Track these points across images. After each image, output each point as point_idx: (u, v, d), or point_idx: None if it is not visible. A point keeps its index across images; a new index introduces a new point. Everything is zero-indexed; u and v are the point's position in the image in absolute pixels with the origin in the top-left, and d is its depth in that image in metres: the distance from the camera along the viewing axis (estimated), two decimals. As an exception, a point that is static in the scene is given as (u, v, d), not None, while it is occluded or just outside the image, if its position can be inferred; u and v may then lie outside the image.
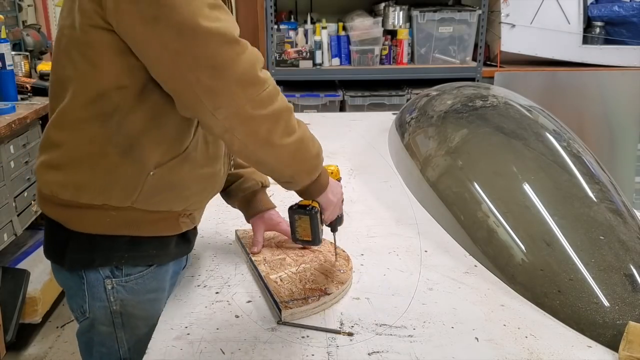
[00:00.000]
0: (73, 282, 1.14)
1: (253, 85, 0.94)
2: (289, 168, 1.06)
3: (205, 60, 0.91)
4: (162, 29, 0.91)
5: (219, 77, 0.91)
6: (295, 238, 1.22)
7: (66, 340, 2.68)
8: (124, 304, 1.14)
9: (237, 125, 0.95)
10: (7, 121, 2.26)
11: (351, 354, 1.02)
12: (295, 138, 1.02)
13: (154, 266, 1.16)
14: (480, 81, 3.60)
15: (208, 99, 0.92)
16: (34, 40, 3.19)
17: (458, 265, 1.35)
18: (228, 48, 0.92)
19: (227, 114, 0.94)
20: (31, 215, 2.51)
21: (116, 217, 1.08)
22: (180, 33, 0.90)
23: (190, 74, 0.92)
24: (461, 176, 1.61)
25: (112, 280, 1.12)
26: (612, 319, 1.12)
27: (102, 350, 1.18)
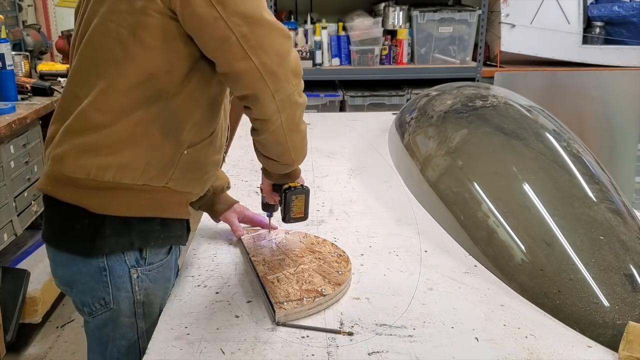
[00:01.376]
0: (89, 274, 1.13)
1: (298, 76, 1.09)
2: (295, 151, 1.18)
3: (271, 47, 1.03)
4: (230, 14, 1.01)
5: (281, 65, 1.04)
6: (289, 218, 1.28)
7: (66, 340, 2.67)
8: (147, 293, 1.18)
9: (287, 107, 1.08)
10: (7, 121, 2.26)
11: (351, 354, 1.02)
12: (304, 127, 1.18)
13: (169, 255, 1.22)
14: (480, 81, 3.60)
15: (272, 81, 1.04)
16: (34, 40, 3.19)
17: (458, 265, 1.35)
18: (286, 41, 1.07)
19: (283, 96, 1.06)
20: (31, 215, 2.51)
21: (150, 200, 1.13)
22: (247, 19, 1.01)
23: (256, 58, 1.02)
24: (461, 176, 1.61)
25: (137, 269, 1.15)
26: (612, 319, 1.12)
27: (121, 344, 1.19)
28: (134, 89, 1.07)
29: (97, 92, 1.07)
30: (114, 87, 1.07)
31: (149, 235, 1.15)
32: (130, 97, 1.07)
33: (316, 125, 2.66)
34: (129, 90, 1.07)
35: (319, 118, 2.85)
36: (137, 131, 1.08)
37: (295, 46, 3.60)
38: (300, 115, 1.13)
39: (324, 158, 2.16)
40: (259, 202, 1.70)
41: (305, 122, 1.18)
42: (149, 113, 1.08)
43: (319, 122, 2.74)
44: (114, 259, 1.13)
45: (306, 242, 1.40)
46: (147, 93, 1.07)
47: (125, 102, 1.07)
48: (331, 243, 1.39)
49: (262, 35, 1.02)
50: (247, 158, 2.05)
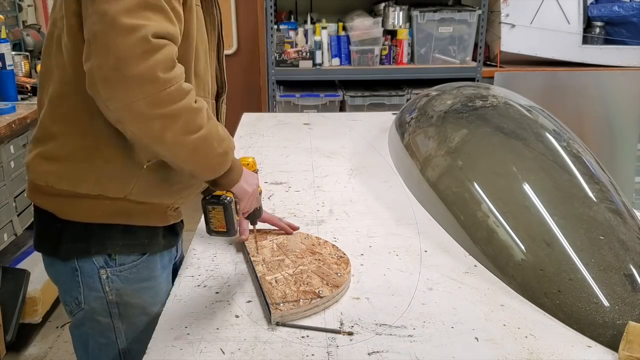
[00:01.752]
0: (66, 274, 1.17)
1: (151, 83, 0.93)
2: (187, 164, 1.05)
3: (113, 50, 0.91)
4: (92, 11, 0.93)
5: (118, 70, 0.91)
6: (209, 230, 1.18)
7: (66, 340, 2.67)
8: (120, 293, 1.17)
9: (128, 119, 0.95)
10: (7, 121, 2.26)
11: (351, 354, 1.02)
12: (196, 137, 1.01)
13: (146, 256, 1.19)
14: (480, 81, 3.60)
15: (103, 86, 0.93)
16: (34, 40, 3.18)
17: (458, 265, 1.35)
18: (137, 45, 0.92)
19: (119, 106, 0.93)
20: (31, 215, 2.51)
21: (111, 206, 1.12)
22: (102, 18, 0.92)
23: (95, 58, 0.92)
24: (461, 176, 1.61)
25: (107, 270, 1.15)
26: (612, 319, 1.12)
27: (100, 342, 1.20)
28: (77, 97, 1.04)
29: (47, 99, 1.09)
30: (60, 95, 1.07)
31: (106, 242, 1.14)
32: (75, 105, 1.05)
33: (316, 125, 2.66)
34: (74, 98, 1.05)
35: (319, 118, 2.85)
36: (88, 143, 1.07)
37: (295, 46, 3.61)
38: (164, 127, 0.97)
39: (324, 158, 2.16)
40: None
41: (196, 131, 1.01)
42: (97, 124, 1.05)
43: (319, 122, 2.74)
44: (83, 260, 1.15)
45: (307, 243, 1.40)
46: (90, 102, 0.98)
47: (70, 112, 1.06)
48: (332, 245, 1.39)
49: (108, 36, 0.91)
50: (247, 158, 2.05)
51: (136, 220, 1.15)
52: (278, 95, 3.60)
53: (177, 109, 0.97)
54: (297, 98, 3.57)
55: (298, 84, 3.70)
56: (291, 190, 1.82)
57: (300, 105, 3.57)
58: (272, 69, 3.56)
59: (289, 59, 3.57)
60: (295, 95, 3.57)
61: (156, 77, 0.93)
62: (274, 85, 3.59)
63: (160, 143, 0.99)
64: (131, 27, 0.92)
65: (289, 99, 3.59)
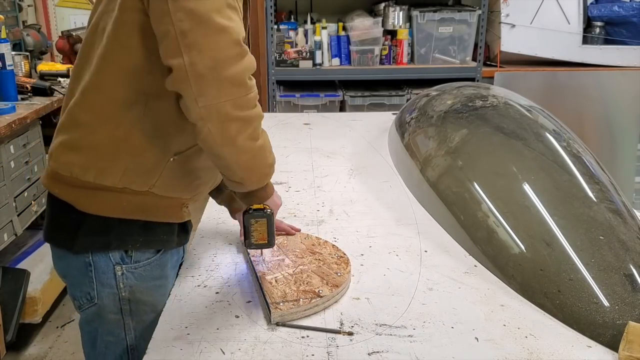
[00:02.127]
0: (77, 269, 1.15)
1: (240, 86, 0.99)
2: (242, 170, 1.08)
3: (208, 49, 0.95)
4: (176, 9, 0.95)
5: (214, 69, 0.96)
6: (250, 244, 1.19)
7: (66, 340, 2.67)
8: (133, 290, 1.17)
9: (213, 117, 0.99)
10: (7, 121, 2.26)
11: (351, 354, 1.02)
12: (258, 144, 1.06)
13: (160, 254, 1.19)
14: (480, 81, 3.60)
15: (196, 83, 0.96)
16: (34, 40, 3.18)
17: (458, 265, 1.35)
18: (231, 46, 0.97)
19: (208, 103, 0.97)
20: (31, 215, 2.51)
21: (132, 201, 1.12)
22: (191, 16, 0.95)
23: (187, 55, 0.95)
24: (461, 176, 1.61)
25: (122, 266, 1.15)
26: (612, 319, 1.12)
27: (108, 340, 1.20)
28: (114, 88, 1.06)
29: (81, 89, 1.09)
30: (96, 85, 1.07)
31: (127, 237, 1.14)
32: (110, 96, 1.06)
33: (316, 125, 2.66)
34: (110, 89, 1.06)
35: (319, 118, 2.85)
36: (118, 134, 1.07)
37: (295, 46, 3.61)
38: (239, 130, 1.01)
39: (324, 158, 2.16)
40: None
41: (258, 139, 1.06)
42: (130, 116, 1.07)
43: (319, 122, 2.74)
44: (98, 255, 1.14)
45: (307, 243, 1.40)
46: (127, 94, 1.04)
47: (106, 103, 1.07)
48: (332, 245, 1.39)
49: (202, 34, 0.95)
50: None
51: (155, 216, 1.16)
52: (278, 95, 3.60)
53: (253, 115, 1.03)
54: (297, 98, 3.57)
55: (298, 84, 3.70)
56: (291, 190, 1.82)
57: (300, 105, 3.57)
58: (272, 69, 3.56)
59: (289, 59, 3.57)
60: (295, 95, 3.57)
61: (244, 82, 0.99)
62: (274, 85, 3.59)
63: (232, 145, 1.03)
64: (223, 27, 0.96)
65: (289, 99, 3.59)
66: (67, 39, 3.21)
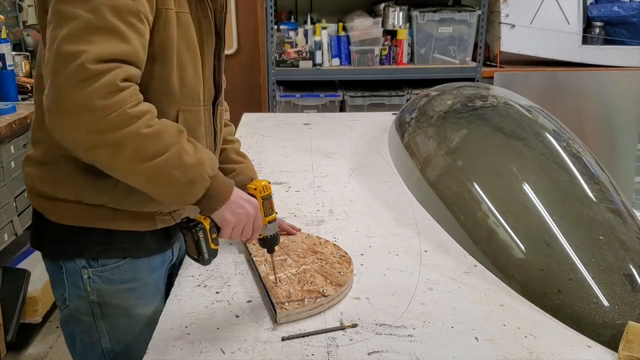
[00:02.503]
0: (54, 271, 1.19)
1: (89, 112, 0.90)
2: (148, 191, 1.02)
3: (54, 80, 0.90)
4: (48, 36, 0.94)
5: (57, 100, 0.90)
6: (186, 252, 1.11)
7: (66, 340, 2.68)
8: (101, 294, 1.17)
9: (74, 148, 0.95)
10: (7, 121, 2.26)
11: (351, 354, 1.02)
12: (150, 165, 0.96)
13: (129, 258, 1.18)
14: (480, 81, 3.60)
15: (48, 117, 0.93)
16: (34, 40, 3.19)
17: (458, 265, 1.35)
18: (74, 74, 0.89)
19: (62, 136, 0.93)
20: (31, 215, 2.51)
21: (91, 211, 1.12)
22: (51, 46, 0.92)
23: (45, 88, 0.92)
24: (461, 176, 1.61)
25: (89, 270, 1.16)
26: (611, 319, 1.12)
27: (85, 340, 1.22)
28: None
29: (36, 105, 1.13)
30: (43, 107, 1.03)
31: (85, 246, 1.14)
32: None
33: (316, 126, 2.66)
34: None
35: (319, 118, 2.85)
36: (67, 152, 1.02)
37: (295, 46, 3.61)
38: (112, 155, 0.94)
39: (324, 158, 2.16)
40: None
41: (153, 157, 0.96)
42: None
43: (319, 122, 2.74)
44: (67, 261, 1.16)
45: (308, 242, 1.40)
46: None
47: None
48: (333, 244, 1.39)
49: (53, 66, 0.91)
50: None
51: (118, 225, 1.14)
52: (278, 95, 3.60)
53: (122, 137, 0.93)
54: (297, 98, 3.57)
55: (298, 84, 3.70)
56: (291, 190, 1.82)
57: (300, 105, 3.57)
58: (272, 69, 3.56)
59: (289, 59, 3.57)
60: (295, 96, 3.57)
61: (93, 106, 0.89)
62: (274, 86, 3.59)
63: (113, 171, 0.98)
64: (71, 54, 0.89)
65: (289, 99, 3.59)
66: (67, 39, 3.21)
